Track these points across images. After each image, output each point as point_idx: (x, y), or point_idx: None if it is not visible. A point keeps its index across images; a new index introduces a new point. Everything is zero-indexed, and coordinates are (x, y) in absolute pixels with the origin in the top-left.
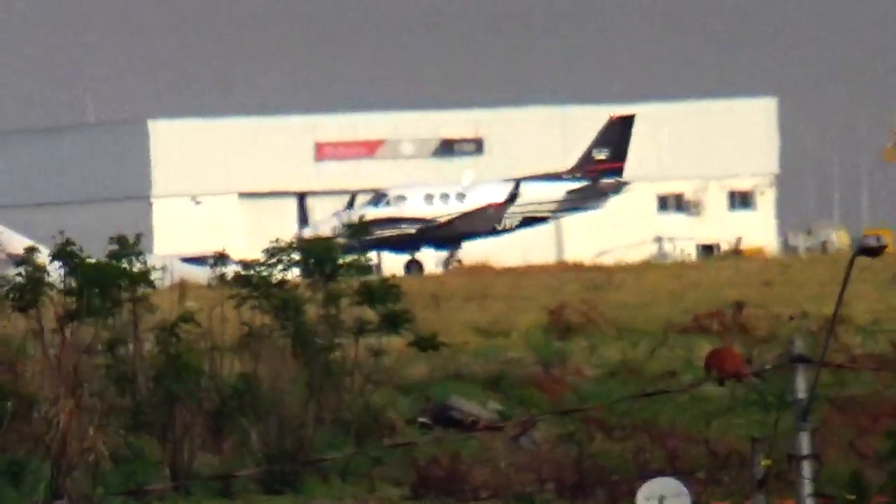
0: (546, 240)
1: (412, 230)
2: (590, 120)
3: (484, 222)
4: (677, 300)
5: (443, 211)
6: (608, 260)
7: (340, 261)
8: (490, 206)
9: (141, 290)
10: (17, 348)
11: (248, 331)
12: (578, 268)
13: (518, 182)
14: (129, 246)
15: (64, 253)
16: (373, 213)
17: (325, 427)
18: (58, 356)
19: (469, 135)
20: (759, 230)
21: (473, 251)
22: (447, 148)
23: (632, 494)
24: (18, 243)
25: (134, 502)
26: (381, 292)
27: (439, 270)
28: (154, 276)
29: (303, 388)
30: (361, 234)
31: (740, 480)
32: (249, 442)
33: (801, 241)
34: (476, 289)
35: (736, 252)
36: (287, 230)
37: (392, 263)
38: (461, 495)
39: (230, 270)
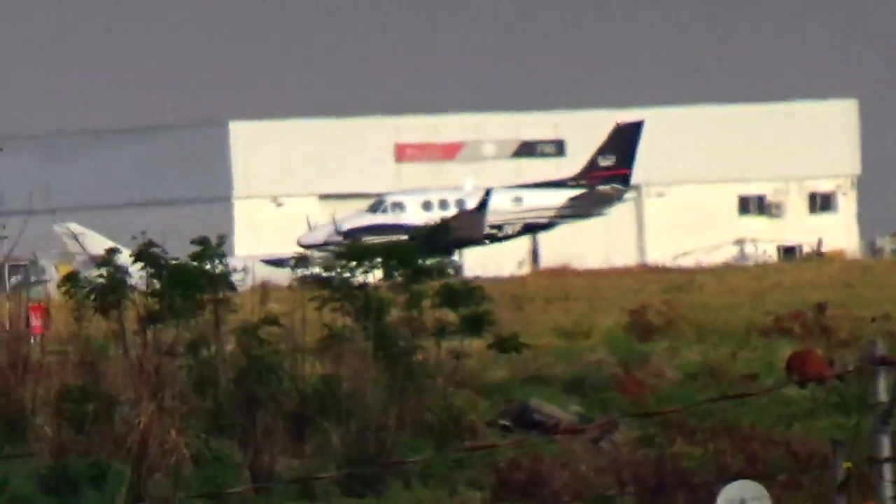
0: (627, 242)
1: (401, 238)
2: (669, 122)
3: (462, 230)
4: (759, 302)
5: (426, 218)
6: (689, 262)
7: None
8: (461, 214)
9: (223, 291)
10: (99, 350)
11: (329, 333)
12: (659, 270)
13: (489, 190)
14: (212, 247)
15: (146, 254)
16: (368, 220)
17: (406, 430)
18: (139, 358)
19: (550, 136)
20: (839, 232)
21: (553, 253)
22: (528, 150)
23: (712, 498)
24: (100, 244)
25: None
26: (464, 294)
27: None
28: (236, 277)
29: (384, 391)
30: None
31: (821, 484)
32: (330, 444)
33: (886, 244)
34: (557, 290)
35: (818, 254)
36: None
37: None
38: (541, 498)
39: (311, 272)
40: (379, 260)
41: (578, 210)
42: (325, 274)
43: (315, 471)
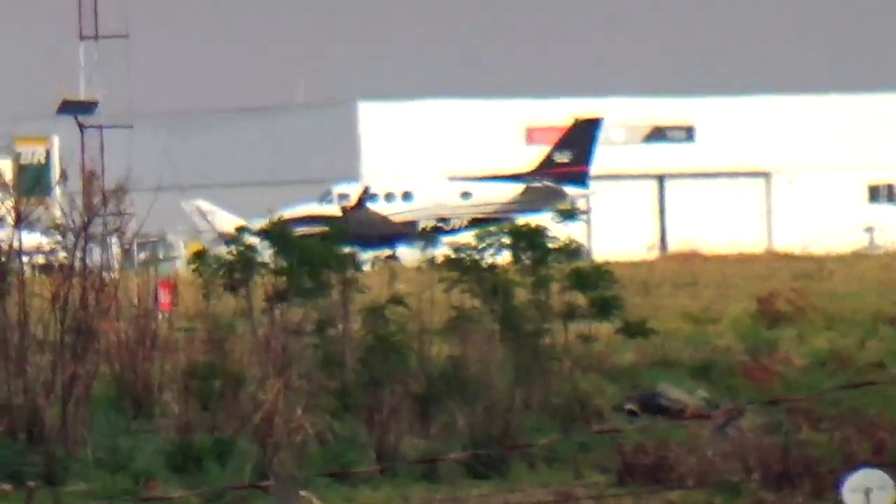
0: (755, 227)
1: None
2: (800, 109)
3: (358, 228)
4: (888, 291)
5: (385, 211)
6: (817, 249)
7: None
8: (346, 211)
9: (350, 271)
10: (227, 327)
11: (457, 314)
12: (788, 256)
13: (366, 188)
14: (339, 228)
15: (274, 232)
16: (303, 211)
17: (532, 412)
18: (266, 336)
19: (680, 122)
20: None
21: (683, 238)
22: (658, 134)
23: (837, 486)
24: (229, 222)
25: (339, 484)
26: (593, 277)
27: None
28: (364, 257)
29: (510, 373)
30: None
31: None
32: (456, 426)
33: None
34: (686, 276)
35: None
36: None
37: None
38: (667, 483)
39: (440, 253)
40: (508, 241)
41: (527, 206)
42: (454, 255)
43: (440, 452)
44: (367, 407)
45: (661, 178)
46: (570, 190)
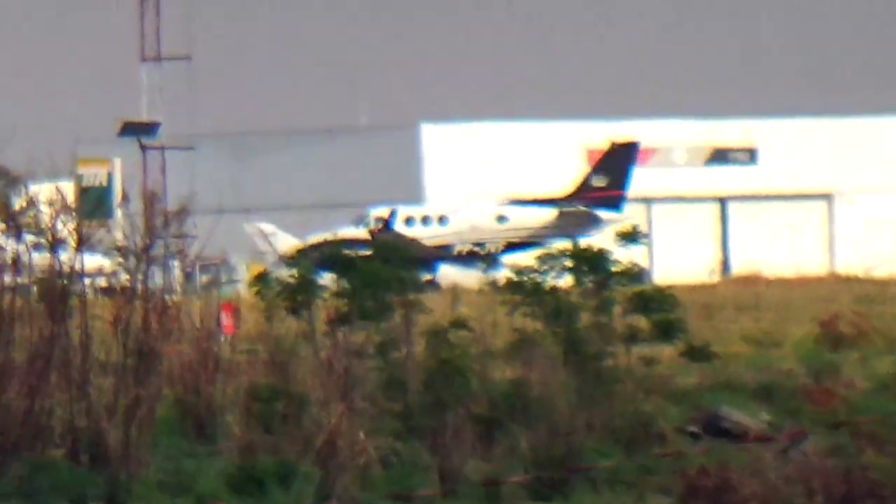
0: (817, 249)
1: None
2: (862, 131)
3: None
4: None
5: (421, 234)
6: (880, 272)
7: (614, 268)
8: (372, 231)
9: (413, 294)
10: (289, 350)
11: (519, 337)
12: (850, 279)
13: (393, 211)
14: (402, 251)
15: (336, 255)
16: (341, 234)
17: (594, 434)
18: (329, 358)
19: (742, 143)
20: None
21: (745, 261)
22: (720, 156)
23: None
24: (290, 244)
25: None
26: (656, 301)
27: None
28: (426, 280)
29: (573, 396)
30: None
31: None
32: (519, 448)
33: None
34: (748, 299)
35: None
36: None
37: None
38: None
39: (502, 276)
40: (570, 264)
41: (564, 230)
42: (516, 278)
43: (503, 474)
44: (430, 430)
45: (722, 201)
46: (605, 214)
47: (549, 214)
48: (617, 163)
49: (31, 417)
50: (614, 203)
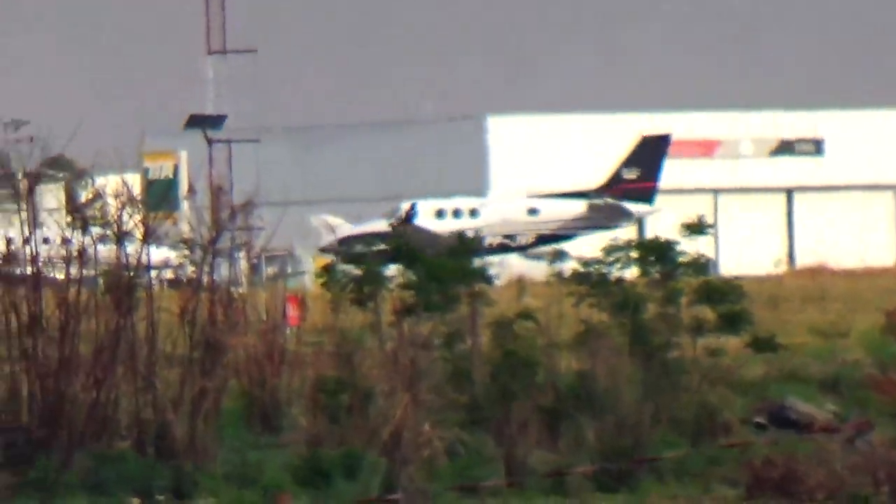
0: (884, 240)
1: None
2: None
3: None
4: None
5: (448, 228)
6: None
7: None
8: (393, 225)
9: (479, 285)
10: (355, 341)
11: (585, 328)
12: None
13: (413, 205)
14: (467, 241)
15: (402, 246)
16: (371, 227)
17: (660, 425)
18: (395, 350)
19: (808, 135)
20: None
21: (811, 252)
22: (786, 148)
23: None
24: None
25: (468, 498)
26: (722, 292)
27: None
28: (492, 271)
29: (639, 387)
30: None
31: None
32: (585, 439)
33: None
34: (814, 290)
35: None
36: (624, 228)
37: None
38: (796, 497)
39: (568, 267)
40: (635, 255)
41: (595, 222)
42: (582, 269)
43: (568, 465)
44: (496, 421)
45: (789, 192)
46: (636, 207)
47: (579, 207)
48: (649, 155)
49: (97, 410)
50: (646, 196)
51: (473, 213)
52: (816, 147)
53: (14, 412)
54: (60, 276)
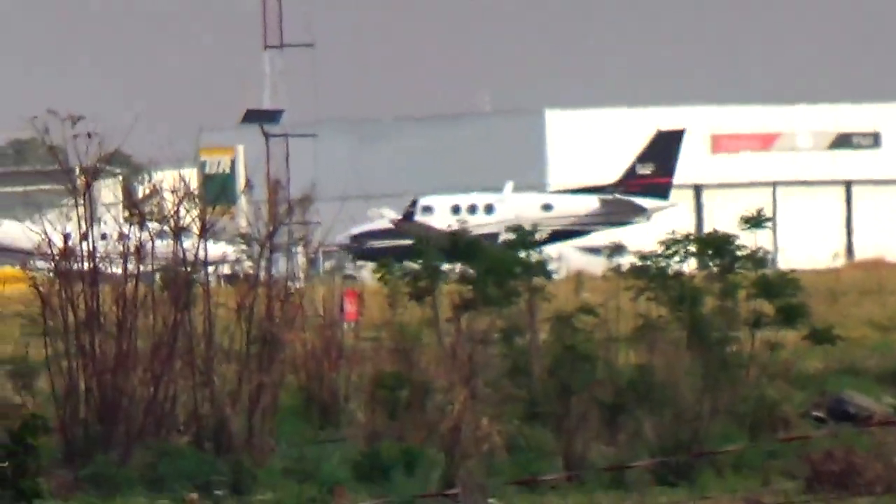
0: None
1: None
2: None
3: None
4: None
5: (467, 223)
6: None
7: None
8: (397, 224)
9: (537, 279)
10: (413, 337)
11: (644, 322)
12: None
13: (415, 201)
14: (524, 235)
15: (459, 241)
16: (376, 225)
17: (719, 419)
18: (453, 345)
19: (866, 128)
20: None
21: (869, 246)
22: (844, 141)
23: None
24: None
25: (527, 492)
26: (779, 286)
27: None
28: (550, 266)
29: (698, 381)
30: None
31: None
32: (643, 433)
33: None
34: (872, 283)
35: None
36: (683, 221)
37: None
38: (855, 490)
39: (626, 261)
40: (693, 249)
41: (610, 218)
42: (640, 263)
43: (628, 459)
44: (555, 415)
45: (847, 185)
46: (651, 203)
47: (593, 203)
48: (663, 151)
49: (155, 405)
50: (661, 191)
51: (489, 209)
52: (874, 140)
53: (72, 408)
54: (118, 271)
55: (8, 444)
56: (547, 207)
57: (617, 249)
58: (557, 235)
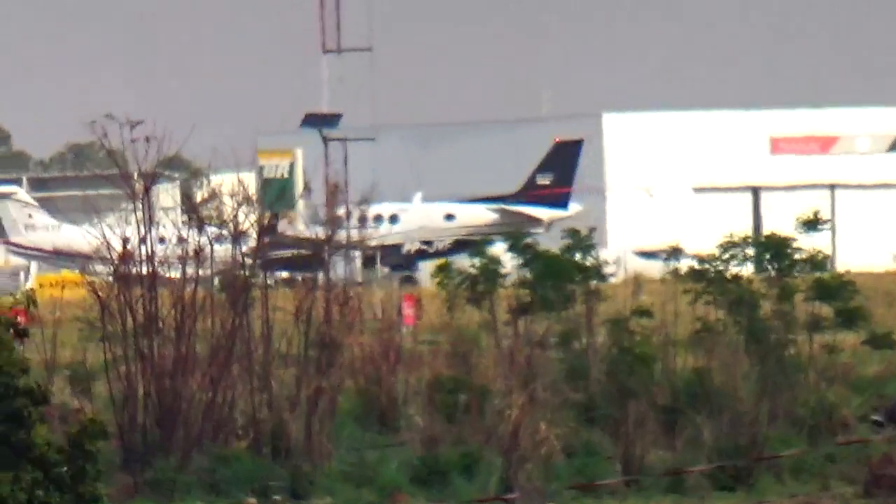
0: None
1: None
2: None
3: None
4: None
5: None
6: None
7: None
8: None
9: (594, 283)
10: (471, 340)
11: (702, 326)
12: None
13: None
14: (583, 239)
15: (518, 245)
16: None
17: (777, 424)
18: (511, 349)
19: None
20: None
21: None
22: None
23: None
24: None
25: (585, 496)
26: (837, 289)
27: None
28: (607, 269)
29: (756, 384)
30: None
31: None
32: (701, 437)
33: None
34: None
35: None
36: (741, 224)
37: None
38: None
39: (684, 265)
40: (751, 252)
41: (507, 228)
42: (698, 267)
43: (686, 463)
44: (613, 419)
45: None
46: (549, 213)
47: (493, 213)
48: (563, 161)
49: (213, 409)
50: (561, 201)
51: (393, 218)
52: None
53: (131, 413)
54: (176, 275)
55: (67, 450)
56: (450, 217)
57: (675, 253)
58: (460, 245)
